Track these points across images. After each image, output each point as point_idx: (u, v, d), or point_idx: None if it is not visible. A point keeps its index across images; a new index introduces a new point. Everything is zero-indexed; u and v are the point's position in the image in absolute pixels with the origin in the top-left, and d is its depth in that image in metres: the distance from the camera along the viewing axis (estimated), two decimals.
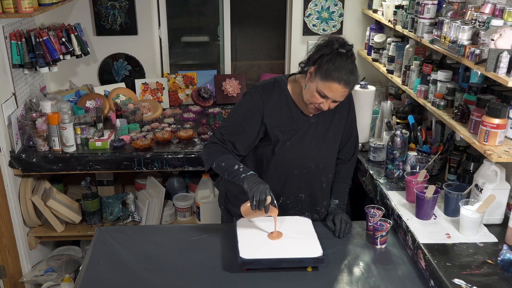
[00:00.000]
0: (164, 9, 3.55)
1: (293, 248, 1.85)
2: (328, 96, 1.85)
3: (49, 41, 2.84)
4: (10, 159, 2.71)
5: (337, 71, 1.81)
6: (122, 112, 3.05)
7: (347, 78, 1.82)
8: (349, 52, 1.88)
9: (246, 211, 1.86)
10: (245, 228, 1.97)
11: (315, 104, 1.90)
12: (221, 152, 1.96)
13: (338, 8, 3.51)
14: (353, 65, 1.86)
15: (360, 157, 2.61)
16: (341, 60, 1.83)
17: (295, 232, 1.96)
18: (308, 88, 1.90)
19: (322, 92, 1.85)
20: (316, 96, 1.87)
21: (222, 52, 3.75)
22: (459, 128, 2.03)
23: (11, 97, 2.76)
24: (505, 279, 1.63)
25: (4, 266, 2.74)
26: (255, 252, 1.81)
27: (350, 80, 1.84)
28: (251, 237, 1.92)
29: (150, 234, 2.12)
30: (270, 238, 1.92)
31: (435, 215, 2.01)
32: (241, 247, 1.84)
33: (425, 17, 2.37)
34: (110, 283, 1.78)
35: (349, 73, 1.83)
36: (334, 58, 1.83)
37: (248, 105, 2.00)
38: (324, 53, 1.86)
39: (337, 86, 1.83)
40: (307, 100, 1.93)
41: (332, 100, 1.88)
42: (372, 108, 2.65)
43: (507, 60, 1.70)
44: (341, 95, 1.87)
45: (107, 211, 2.99)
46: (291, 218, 2.06)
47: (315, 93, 1.87)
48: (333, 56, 1.83)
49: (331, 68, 1.82)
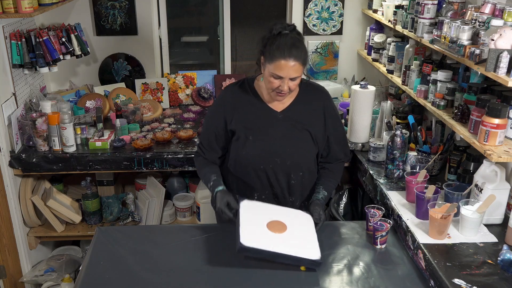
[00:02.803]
0: (164, 9, 3.55)
1: (293, 245, 1.84)
2: (280, 75, 1.89)
3: (49, 41, 2.84)
4: (10, 159, 2.71)
5: (278, 49, 1.88)
6: (122, 112, 3.05)
7: (290, 51, 1.87)
8: (292, 31, 1.94)
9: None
10: (248, 212, 1.94)
11: (275, 88, 1.95)
12: (201, 167, 2.15)
13: (338, 8, 3.51)
14: (295, 40, 1.91)
15: (360, 157, 2.61)
16: (281, 39, 1.90)
17: (297, 227, 1.93)
18: (264, 77, 1.98)
19: (274, 74, 1.90)
20: (271, 81, 1.93)
21: (222, 52, 3.75)
22: (459, 128, 2.03)
23: (11, 97, 2.76)
24: (505, 279, 1.64)
25: (4, 266, 2.74)
26: (256, 241, 1.80)
27: (294, 53, 1.88)
28: (253, 223, 1.89)
29: (150, 234, 2.12)
30: (272, 230, 1.88)
31: None
32: (242, 232, 1.82)
33: (425, 17, 2.37)
34: (110, 283, 1.78)
35: (291, 46, 1.88)
36: (273, 39, 1.91)
37: (214, 107, 2.17)
38: (267, 39, 1.94)
39: (284, 63, 1.87)
40: (267, 88, 1.99)
41: (288, 79, 1.91)
42: (372, 108, 2.65)
43: (507, 60, 1.70)
44: (293, 70, 1.89)
45: (107, 211, 3.00)
46: (295, 212, 2.04)
47: (270, 78, 1.93)
48: (273, 39, 1.91)
49: (273, 48, 1.89)
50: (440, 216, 1.83)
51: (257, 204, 2.02)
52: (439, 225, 1.83)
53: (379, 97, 3.13)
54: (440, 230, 1.85)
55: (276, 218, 1.94)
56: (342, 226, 2.17)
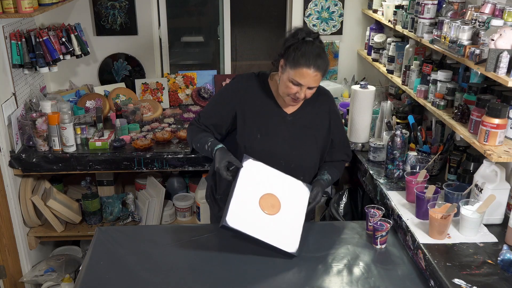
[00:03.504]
0: (164, 9, 3.55)
1: (275, 232, 1.85)
2: (301, 82, 1.89)
3: (49, 41, 2.84)
4: (10, 159, 2.71)
5: (304, 57, 1.87)
6: (122, 112, 3.05)
7: (315, 61, 1.87)
8: (315, 39, 1.93)
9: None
10: (247, 179, 1.91)
11: (291, 94, 1.94)
12: (195, 132, 2.10)
13: (338, 8, 3.51)
14: (320, 49, 1.91)
15: (360, 157, 2.61)
16: (307, 47, 1.88)
17: (289, 208, 1.92)
18: (282, 80, 1.96)
19: (295, 80, 1.89)
20: (290, 86, 1.91)
21: (222, 52, 3.75)
22: (459, 128, 2.03)
23: (11, 97, 2.76)
24: (505, 279, 1.63)
25: (4, 266, 2.74)
26: (241, 222, 1.82)
27: (319, 64, 1.88)
28: (247, 195, 1.88)
29: (150, 234, 2.12)
30: (263, 207, 1.88)
31: None
32: (231, 208, 1.83)
33: (425, 17, 2.37)
34: (110, 283, 1.78)
35: (317, 56, 1.87)
36: (300, 46, 1.89)
37: (227, 91, 2.12)
38: (291, 44, 1.92)
39: (307, 71, 1.87)
40: (283, 92, 1.97)
41: (306, 87, 1.91)
42: (372, 108, 2.65)
43: (507, 60, 1.70)
44: (314, 80, 1.89)
45: (107, 211, 3.00)
46: (295, 184, 1.99)
47: (288, 83, 1.91)
48: (299, 45, 1.90)
49: (298, 55, 1.88)
50: (440, 216, 1.83)
51: (260, 167, 1.97)
52: (439, 225, 1.83)
53: (379, 97, 3.13)
54: (440, 230, 1.85)
55: (272, 191, 1.93)
56: (342, 226, 2.17)
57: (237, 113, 2.05)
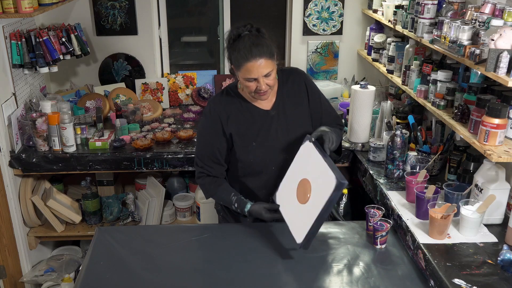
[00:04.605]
0: (164, 9, 3.55)
1: (294, 219, 1.91)
2: (252, 76, 1.88)
3: (49, 41, 2.84)
4: (10, 159, 2.71)
5: (240, 54, 1.87)
6: (122, 112, 3.05)
7: (251, 52, 1.85)
8: (250, 31, 1.91)
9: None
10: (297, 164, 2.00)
11: (253, 90, 1.93)
12: (211, 188, 2.09)
13: (338, 8, 3.51)
14: (254, 37, 1.89)
15: (360, 157, 2.61)
16: (240, 43, 1.88)
17: (313, 203, 1.87)
18: (241, 83, 1.99)
19: (246, 77, 1.90)
20: (248, 85, 1.92)
21: (222, 52, 3.75)
22: (459, 128, 2.03)
23: (11, 97, 2.76)
24: (505, 279, 1.63)
25: (4, 266, 2.74)
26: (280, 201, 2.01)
27: (255, 52, 1.85)
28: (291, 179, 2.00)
29: (150, 234, 2.12)
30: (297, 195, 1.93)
31: None
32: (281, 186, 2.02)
33: (425, 17, 2.37)
34: (110, 283, 1.78)
35: (251, 46, 1.86)
36: (234, 46, 1.90)
37: (208, 124, 2.07)
38: (228, 48, 1.94)
39: (250, 64, 1.86)
40: (248, 92, 1.99)
41: (262, 76, 1.89)
42: (372, 108, 2.65)
43: (507, 60, 1.70)
44: (263, 67, 1.87)
45: (107, 211, 2.99)
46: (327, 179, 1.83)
47: (245, 83, 1.93)
48: (233, 45, 1.90)
49: (236, 55, 1.89)
50: (440, 216, 1.83)
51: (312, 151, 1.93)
52: (439, 225, 1.83)
53: (379, 97, 3.13)
54: (440, 230, 1.85)
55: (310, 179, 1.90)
56: (342, 226, 2.16)
57: (226, 134, 2.04)
